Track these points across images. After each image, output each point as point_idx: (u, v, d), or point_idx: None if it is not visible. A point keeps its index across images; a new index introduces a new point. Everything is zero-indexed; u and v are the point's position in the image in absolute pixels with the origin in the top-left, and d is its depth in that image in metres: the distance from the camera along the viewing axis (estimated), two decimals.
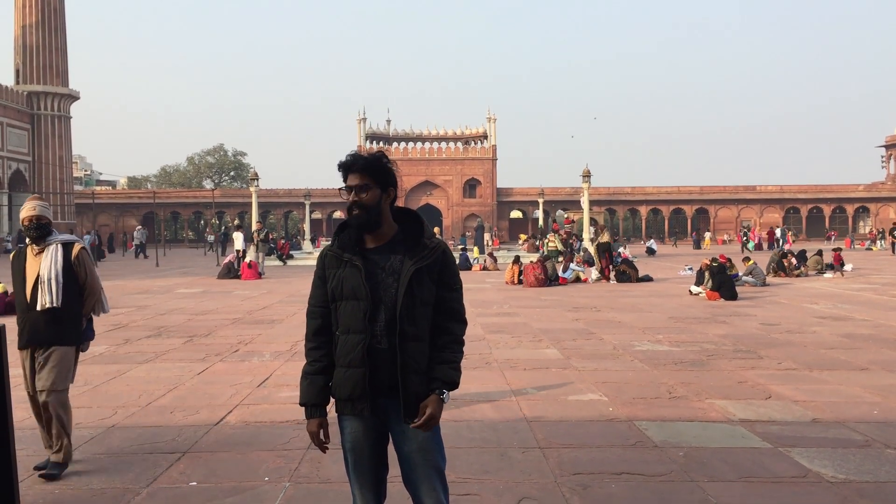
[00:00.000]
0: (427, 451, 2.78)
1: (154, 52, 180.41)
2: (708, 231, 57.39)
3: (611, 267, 21.33)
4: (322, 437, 2.82)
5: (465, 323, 2.90)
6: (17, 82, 50.70)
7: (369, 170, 2.77)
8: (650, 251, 38.77)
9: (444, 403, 2.75)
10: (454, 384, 2.78)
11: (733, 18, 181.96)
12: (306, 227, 45.59)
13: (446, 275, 2.85)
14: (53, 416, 4.81)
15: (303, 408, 2.85)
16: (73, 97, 52.62)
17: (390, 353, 2.72)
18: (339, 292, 2.77)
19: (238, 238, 25.39)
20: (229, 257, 24.10)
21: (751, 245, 45.68)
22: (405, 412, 2.73)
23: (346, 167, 2.79)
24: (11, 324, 11.03)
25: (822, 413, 6.15)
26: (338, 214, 67.39)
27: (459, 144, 64.72)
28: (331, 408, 2.83)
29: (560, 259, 23.17)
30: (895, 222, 48.60)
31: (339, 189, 2.82)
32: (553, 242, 28.65)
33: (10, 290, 13.76)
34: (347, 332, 2.75)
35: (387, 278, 2.75)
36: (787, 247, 34.22)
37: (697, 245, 48.97)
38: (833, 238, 53.39)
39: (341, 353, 2.77)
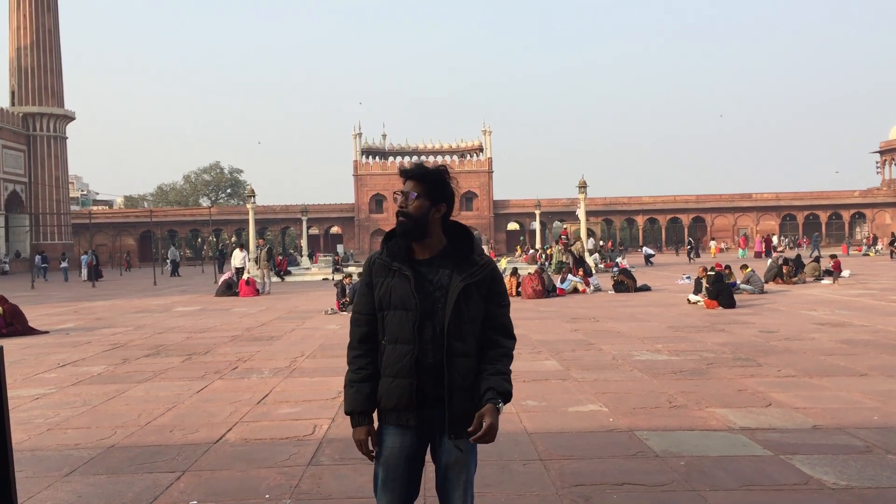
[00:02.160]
0: (464, 462, 2.77)
1: (149, 71, 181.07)
2: (713, 240, 57.25)
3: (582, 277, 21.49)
4: (370, 445, 2.79)
5: (514, 339, 2.88)
6: (13, 104, 50.86)
7: (423, 180, 2.78)
8: (648, 259, 38.37)
9: (499, 413, 2.69)
10: (508, 395, 2.74)
11: (726, 28, 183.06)
12: (304, 242, 45.62)
13: (494, 291, 2.83)
14: None
15: (348, 416, 2.82)
16: (69, 118, 52.75)
17: (436, 366, 2.70)
18: (387, 301, 2.76)
19: (237, 256, 25.22)
20: (226, 275, 24.05)
21: (741, 253, 45.49)
22: (450, 428, 2.70)
23: (403, 173, 2.83)
24: (10, 346, 10.96)
25: (822, 419, 6.15)
26: (335, 230, 67.49)
27: (455, 157, 64.96)
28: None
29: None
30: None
31: (394, 193, 2.85)
32: (558, 255, 28.65)
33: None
34: (395, 341, 2.74)
35: (434, 292, 2.74)
36: (816, 253, 33.67)
37: (697, 254, 46.59)
38: (804, 245, 53.14)
39: (388, 363, 2.75)
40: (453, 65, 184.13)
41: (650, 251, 40.57)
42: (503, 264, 29.29)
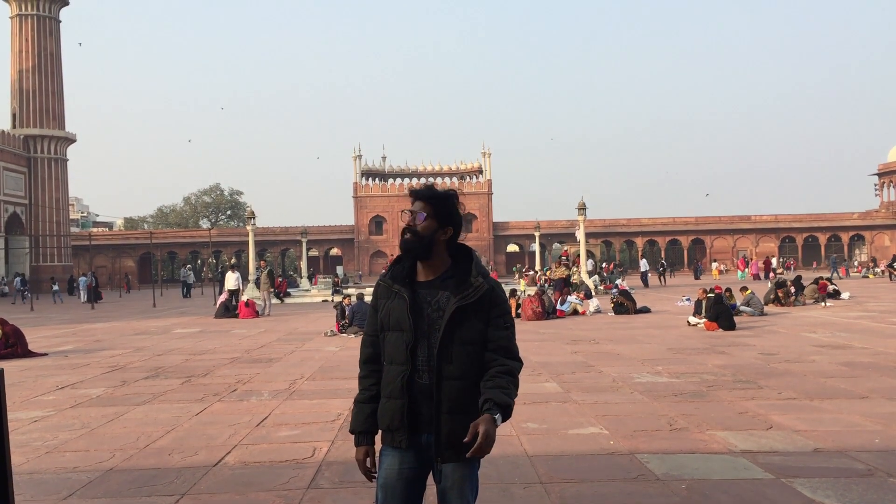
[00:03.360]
0: (461, 488, 2.74)
1: (150, 93, 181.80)
2: (714, 261, 57.25)
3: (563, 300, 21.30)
4: (368, 464, 2.82)
5: (518, 361, 2.83)
6: (14, 126, 51.06)
7: (432, 201, 2.82)
8: (644, 277, 38.28)
9: (496, 425, 2.64)
10: (507, 407, 2.68)
11: (724, 51, 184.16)
12: (303, 264, 45.60)
13: (494, 314, 2.81)
14: None
15: (353, 435, 2.88)
16: (70, 140, 52.93)
17: (430, 389, 2.72)
18: (386, 322, 2.81)
19: (230, 278, 25.01)
20: (222, 297, 24.00)
21: (740, 275, 45.54)
22: (436, 451, 2.71)
23: (413, 193, 2.86)
24: (9, 368, 10.89)
25: (823, 442, 6.13)
26: (335, 251, 67.52)
27: (455, 179, 65.17)
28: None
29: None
30: None
31: (402, 211, 2.90)
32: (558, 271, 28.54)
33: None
34: (391, 362, 2.79)
35: (433, 313, 2.76)
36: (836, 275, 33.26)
37: (697, 275, 48.39)
38: (792, 267, 53.20)
39: (384, 384, 2.81)
40: (453, 87, 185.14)
41: (646, 265, 40.48)
42: (522, 286, 29.23)
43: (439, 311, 2.75)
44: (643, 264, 40.88)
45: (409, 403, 2.73)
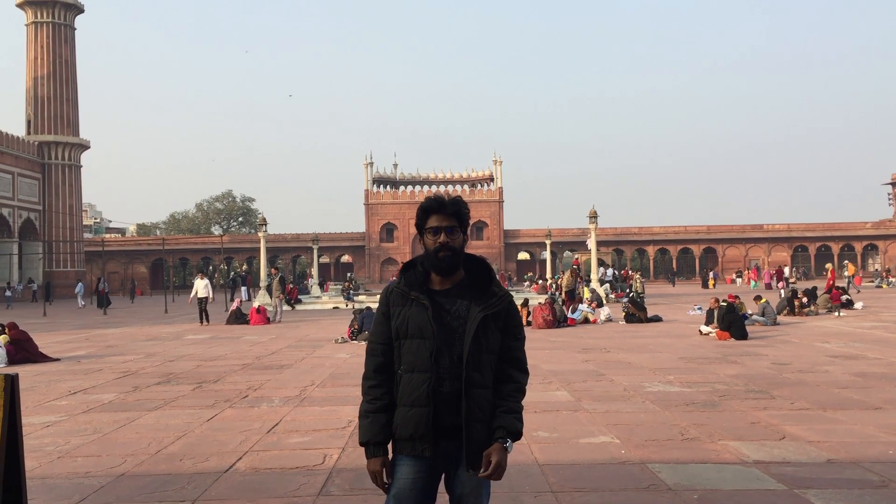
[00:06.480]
0: (478, 495, 2.78)
1: (163, 100, 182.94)
2: (712, 272, 56.91)
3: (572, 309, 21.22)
4: (385, 476, 2.77)
5: (527, 373, 2.89)
6: (29, 132, 51.47)
7: (458, 214, 2.81)
8: (606, 283, 32.02)
9: (507, 453, 2.71)
10: (518, 434, 2.76)
11: (736, 59, 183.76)
12: (314, 271, 45.69)
13: (511, 324, 2.84)
14: None
15: (363, 447, 2.81)
16: (84, 146, 53.30)
17: (452, 396, 2.70)
18: (403, 330, 2.76)
19: (199, 286, 24.29)
20: (235, 303, 24.03)
21: (752, 284, 45.32)
22: (468, 461, 2.71)
23: (436, 208, 2.80)
24: (21, 373, 10.94)
25: (836, 453, 6.08)
26: (346, 258, 67.66)
27: (466, 187, 65.28)
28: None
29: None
30: None
31: (428, 228, 2.80)
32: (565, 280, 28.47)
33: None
34: (412, 370, 2.74)
35: (452, 322, 2.75)
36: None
37: (705, 284, 48.38)
38: (797, 280, 52.93)
39: (404, 392, 2.75)
40: (464, 94, 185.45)
41: (608, 275, 35.20)
42: (566, 283, 28.01)
43: (459, 319, 2.75)
44: (608, 273, 37.50)
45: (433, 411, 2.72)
